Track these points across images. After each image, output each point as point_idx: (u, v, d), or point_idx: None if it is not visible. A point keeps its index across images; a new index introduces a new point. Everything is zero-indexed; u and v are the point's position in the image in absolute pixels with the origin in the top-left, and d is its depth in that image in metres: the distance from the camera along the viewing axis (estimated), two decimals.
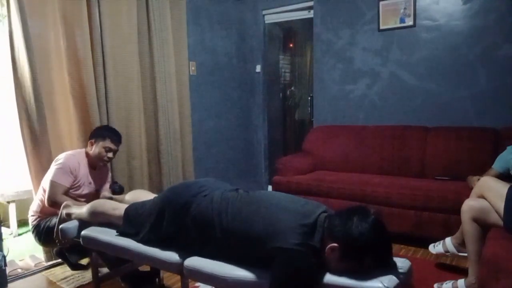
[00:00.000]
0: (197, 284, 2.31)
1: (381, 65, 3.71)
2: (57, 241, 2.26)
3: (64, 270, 2.63)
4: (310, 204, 1.60)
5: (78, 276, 2.54)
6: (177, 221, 1.73)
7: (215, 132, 4.03)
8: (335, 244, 1.40)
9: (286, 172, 3.54)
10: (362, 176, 3.36)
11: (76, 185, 2.43)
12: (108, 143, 2.46)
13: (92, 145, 2.47)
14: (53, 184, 2.32)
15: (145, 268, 2.31)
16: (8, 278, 2.25)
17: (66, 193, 2.37)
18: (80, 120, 2.77)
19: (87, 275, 2.50)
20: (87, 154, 2.51)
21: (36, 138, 2.53)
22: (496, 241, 1.82)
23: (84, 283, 2.45)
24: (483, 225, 2.01)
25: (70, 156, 2.42)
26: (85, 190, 2.48)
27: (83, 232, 2.04)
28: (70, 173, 2.36)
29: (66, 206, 2.23)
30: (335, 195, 3.20)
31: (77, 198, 2.42)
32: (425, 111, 3.51)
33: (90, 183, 2.52)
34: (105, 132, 2.50)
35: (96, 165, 2.54)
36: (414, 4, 3.48)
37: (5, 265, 2.05)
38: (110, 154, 2.49)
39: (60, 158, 2.40)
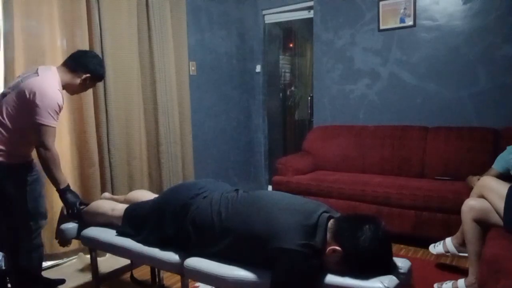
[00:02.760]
0: (197, 284, 2.31)
1: (381, 65, 3.71)
2: (57, 241, 2.25)
3: (62, 271, 2.63)
4: (311, 203, 1.60)
5: (78, 276, 2.54)
6: (177, 222, 1.73)
7: (215, 132, 4.03)
8: (339, 248, 1.40)
9: (286, 172, 3.54)
10: (362, 176, 3.36)
11: None
12: (98, 81, 2.27)
13: (84, 81, 2.10)
14: (45, 128, 1.93)
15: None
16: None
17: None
18: (76, 120, 2.76)
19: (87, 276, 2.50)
20: (67, 81, 2.09)
21: None
22: (496, 241, 1.82)
23: (83, 283, 2.46)
24: (483, 225, 2.02)
25: (56, 90, 1.98)
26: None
27: (83, 232, 2.04)
28: (58, 110, 1.99)
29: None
30: (335, 195, 3.20)
31: None
32: (425, 111, 3.51)
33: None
34: (101, 71, 2.18)
35: (66, 89, 2.16)
36: (414, 4, 3.48)
37: (5, 265, 2.05)
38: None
39: (44, 94, 1.92)
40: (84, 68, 2.08)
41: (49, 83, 1.97)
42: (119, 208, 2.01)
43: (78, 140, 2.78)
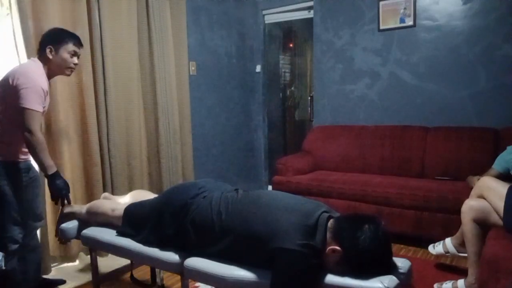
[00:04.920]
0: (197, 284, 2.31)
1: (381, 65, 3.71)
2: (57, 238, 2.25)
3: (62, 271, 2.63)
4: (310, 203, 1.60)
5: (78, 276, 2.54)
6: (177, 222, 1.73)
7: (215, 132, 4.03)
8: (339, 248, 1.40)
9: (286, 172, 3.54)
10: (362, 176, 3.36)
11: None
12: (72, 47, 2.09)
13: (51, 52, 2.05)
14: (29, 112, 1.90)
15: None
16: None
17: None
18: (77, 121, 2.76)
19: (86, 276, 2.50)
20: (47, 66, 2.08)
21: None
22: (496, 241, 1.82)
23: (83, 283, 2.46)
24: (483, 226, 2.02)
25: (40, 76, 1.99)
26: (46, 108, 2.12)
27: (83, 232, 2.05)
28: (43, 96, 1.98)
29: (66, 206, 2.21)
30: (335, 195, 3.20)
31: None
32: (425, 111, 3.51)
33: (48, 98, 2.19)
34: (64, 35, 2.10)
35: (55, 75, 2.17)
36: (414, 4, 3.48)
37: (5, 265, 2.05)
38: (76, 60, 2.13)
39: (28, 78, 1.92)
40: (44, 43, 2.07)
41: (32, 69, 1.99)
42: (120, 208, 2.01)
43: (80, 140, 2.79)
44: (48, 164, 1.98)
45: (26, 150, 2.02)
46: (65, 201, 2.12)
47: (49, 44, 2.05)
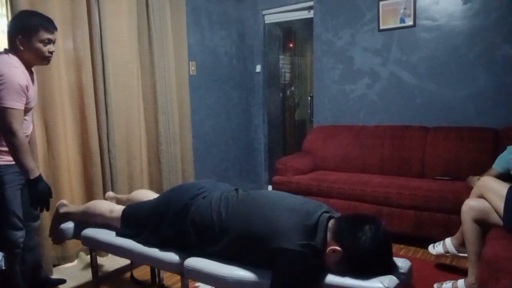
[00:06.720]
0: (197, 284, 2.31)
1: (381, 65, 3.71)
2: (51, 239, 2.24)
3: (63, 271, 2.63)
4: (311, 203, 1.60)
5: (78, 276, 2.54)
6: (177, 223, 1.73)
7: (215, 132, 4.03)
8: (339, 248, 1.40)
9: (286, 172, 3.54)
10: (362, 176, 3.36)
11: (27, 102, 1.91)
12: (45, 35, 1.90)
13: (22, 43, 1.87)
14: (8, 111, 1.77)
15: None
16: None
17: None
18: (77, 120, 2.76)
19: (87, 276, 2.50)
20: (20, 57, 1.90)
21: None
22: (496, 241, 1.82)
23: (83, 283, 2.46)
24: (483, 226, 2.02)
25: (13, 69, 1.82)
26: (32, 103, 1.99)
27: (83, 232, 2.04)
28: (22, 92, 1.82)
29: (62, 206, 2.20)
30: (335, 195, 3.20)
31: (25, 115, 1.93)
32: (425, 111, 3.51)
33: (36, 90, 2.08)
34: (33, 22, 1.89)
35: (34, 66, 2.02)
36: (414, 4, 3.48)
37: (5, 265, 2.05)
38: (52, 47, 1.95)
39: (4, 73, 1.78)
40: (12, 34, 1.89)
41: (5, 63, 1.83)
42: (118, 209, 2.00)
43: (80, 141, 2.79)
44: (30, 167, 1.82)
45: None
46: (44, 209, 1.93)
47: (18, 34, 1.87)
